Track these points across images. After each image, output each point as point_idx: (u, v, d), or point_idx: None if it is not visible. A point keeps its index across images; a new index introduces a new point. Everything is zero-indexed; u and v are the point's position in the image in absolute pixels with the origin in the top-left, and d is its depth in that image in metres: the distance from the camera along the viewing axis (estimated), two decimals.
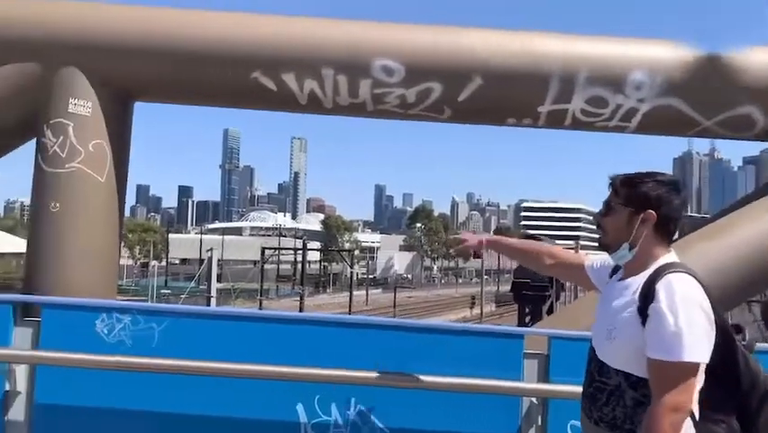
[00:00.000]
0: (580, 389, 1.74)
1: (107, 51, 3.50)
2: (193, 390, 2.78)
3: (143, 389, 2.80)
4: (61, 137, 3.40)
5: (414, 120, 3.75)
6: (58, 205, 3.39)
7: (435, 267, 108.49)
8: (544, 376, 2.72)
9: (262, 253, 54.95)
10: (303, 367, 2.59)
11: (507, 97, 3.62)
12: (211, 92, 3.76)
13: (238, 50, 3.54)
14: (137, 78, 3.62)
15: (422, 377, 2.52)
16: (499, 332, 3.02)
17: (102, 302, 3.02)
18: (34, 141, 3.59)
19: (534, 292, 18.38)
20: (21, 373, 2.91)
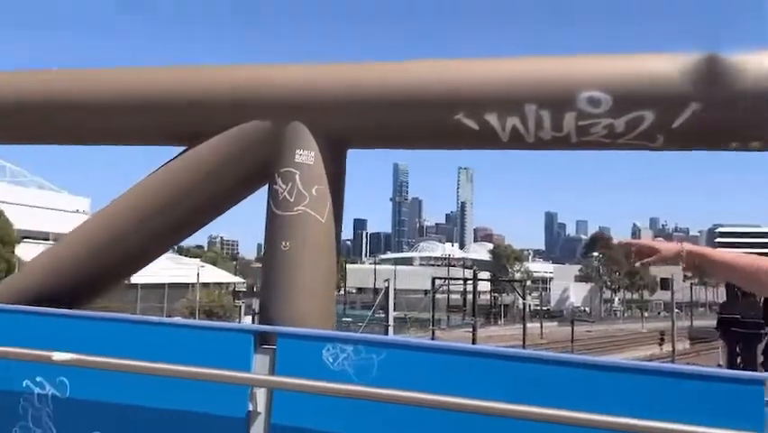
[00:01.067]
0: None
1: (326, 106, 3.90)
2: (405, 421, 2.89)
3: (362, 416, 2.98)
4: (290, 184, 3.83)
5: (622, 149, 3.63)
6: (288, 244, 3.80)
7: (616, 299, 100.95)
8: None
9: (433, 282, 55.65)
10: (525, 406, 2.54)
11: (730, 120, 3.35)
12: (416, 135, 3.99)
13: (442, 95, 3.73)
14: (352, 127, 3.97)
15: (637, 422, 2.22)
16: (729, 376, 2.71)
17: (328, 333, 3.30)
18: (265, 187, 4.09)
19: (745, 330, 16.12)
20: (260, 395, 3.26)
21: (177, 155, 4.20)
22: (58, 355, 3.30)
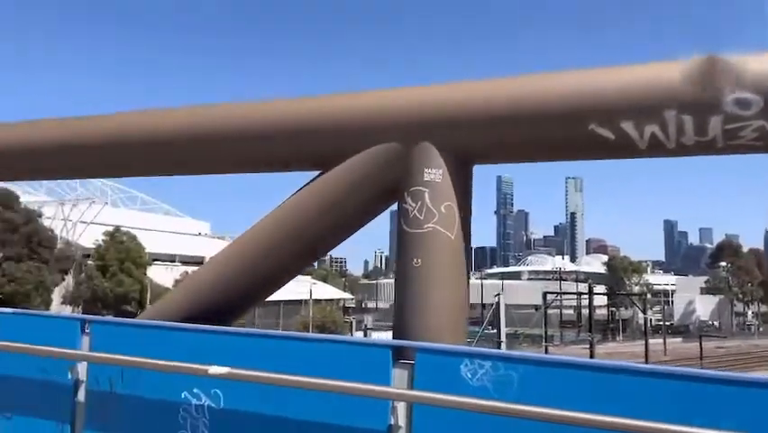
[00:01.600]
0: None
1: (454, 124, 3.97)
2: None
3: (501, 432, 2.96)
4: (419, 202, 3.92)
5: None
6: (419, 261, 3.88)
7: (750, 312, 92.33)
8: None
9: (544, 297, 53.89)
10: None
11: None
12: (546, 149, 3.95)
13: (573, 107, 3.66)
14: (479, 144, 4.01)
15: None
16: None
17: (467, 348, 3.30)
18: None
19: None
20: (401, 409, 3.32)
21: (310, 180, 4.44)
22: (214, 369, 3.57)
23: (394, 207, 4.30)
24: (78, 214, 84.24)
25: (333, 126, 4.28)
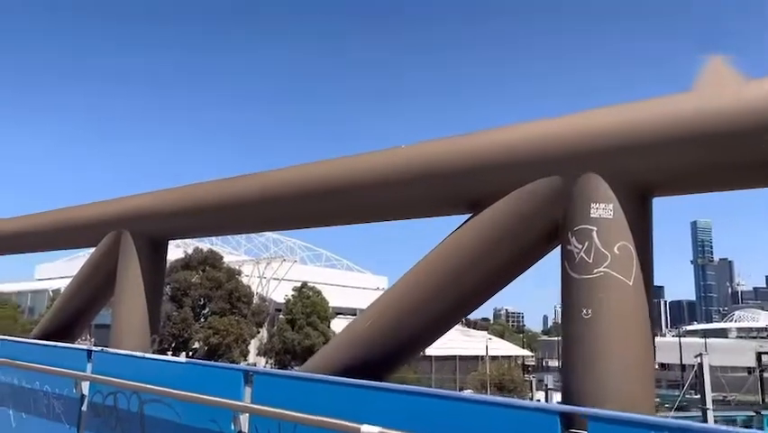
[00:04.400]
0: None
1: (626, 151, 3.43)
2: None
3: None
4: (586, 243, 3.41)
5: None
6: (589, 312, 3.34)
7: None
8: None
9: (758, 358, 46.63)
10: None
11: None
12: (745, 173, 3.23)
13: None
14: (658, 172, 3.41)
15: None
16: None
17: (653, 419, 2.70)
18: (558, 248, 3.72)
19: None
20: None
21: (461, 224, 4.14)
22: (366, 429, 3.35)
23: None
24: (271, 271, 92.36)
25: (483, 164, 3.97)
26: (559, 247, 3.68)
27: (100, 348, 5.95)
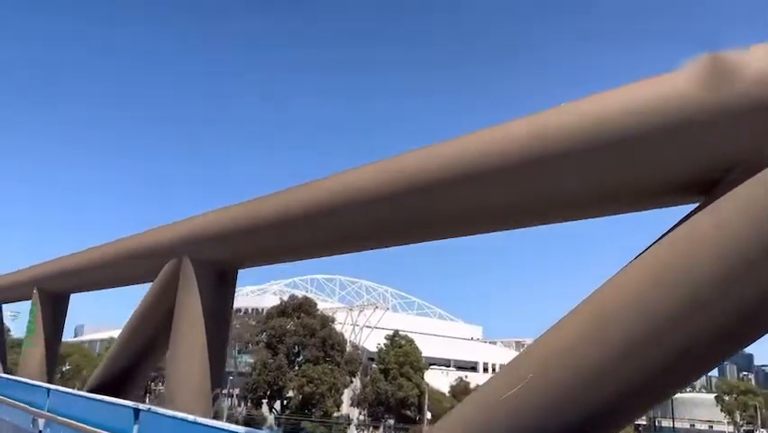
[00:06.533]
0: None
1: None
2: None
3: None
4: None
5: None
6: None
7: None
8: None
9: None
10: None
11: None
12: None
13: None
14: None
15: None
16: None
17: None
18: None
19: None
20: None
21: (668, 230, 2.43)
22: None
23: None
24: (364, 318, 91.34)
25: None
26: None
27: (148, 407, 4.66)
